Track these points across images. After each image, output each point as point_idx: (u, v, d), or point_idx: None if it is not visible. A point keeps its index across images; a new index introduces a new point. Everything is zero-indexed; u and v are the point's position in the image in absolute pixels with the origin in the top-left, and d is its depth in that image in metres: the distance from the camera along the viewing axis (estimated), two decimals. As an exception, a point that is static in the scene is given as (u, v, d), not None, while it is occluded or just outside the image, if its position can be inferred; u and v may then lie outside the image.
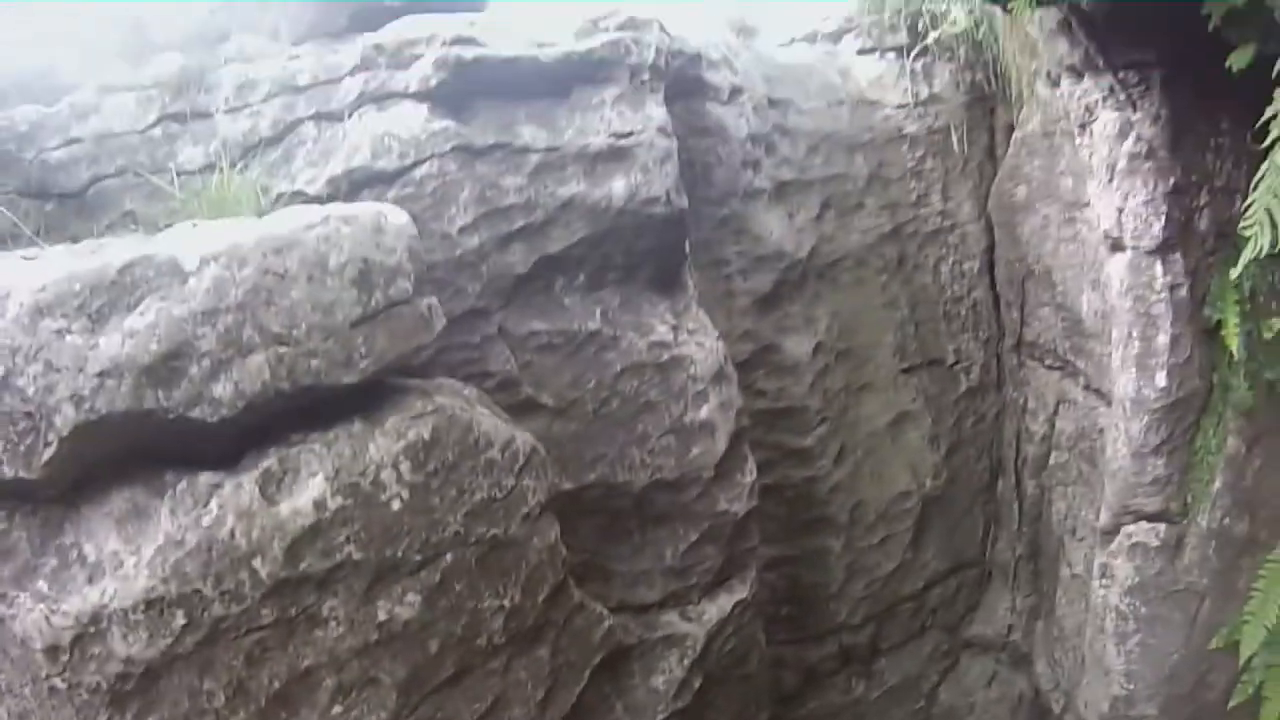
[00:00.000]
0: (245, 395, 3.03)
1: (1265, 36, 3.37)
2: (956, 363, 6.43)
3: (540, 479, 3.84)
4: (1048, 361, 5.98)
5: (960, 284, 6.43)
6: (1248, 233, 3.05)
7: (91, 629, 2.92)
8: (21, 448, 2.87)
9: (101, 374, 2.87)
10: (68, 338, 2.88)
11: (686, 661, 4.65)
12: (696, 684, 4.68)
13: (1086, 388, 5.54)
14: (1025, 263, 6.02)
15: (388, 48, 4.33)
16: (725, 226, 5.58)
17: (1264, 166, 3.04)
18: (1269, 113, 3.04)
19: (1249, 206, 3.05)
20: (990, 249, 6.43)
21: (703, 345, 4.85)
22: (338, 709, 3.28)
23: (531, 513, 3.77)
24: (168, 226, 3.74)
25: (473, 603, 3.55)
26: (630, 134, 4.61)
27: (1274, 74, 3.06)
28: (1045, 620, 6.09)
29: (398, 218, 3.48)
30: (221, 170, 4.08)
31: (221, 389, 3.00)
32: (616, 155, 4.59)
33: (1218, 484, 4.46)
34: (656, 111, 4.72)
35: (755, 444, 5.25)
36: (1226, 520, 4.50)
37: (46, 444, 2.87)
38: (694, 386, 4.75)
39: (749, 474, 4.96)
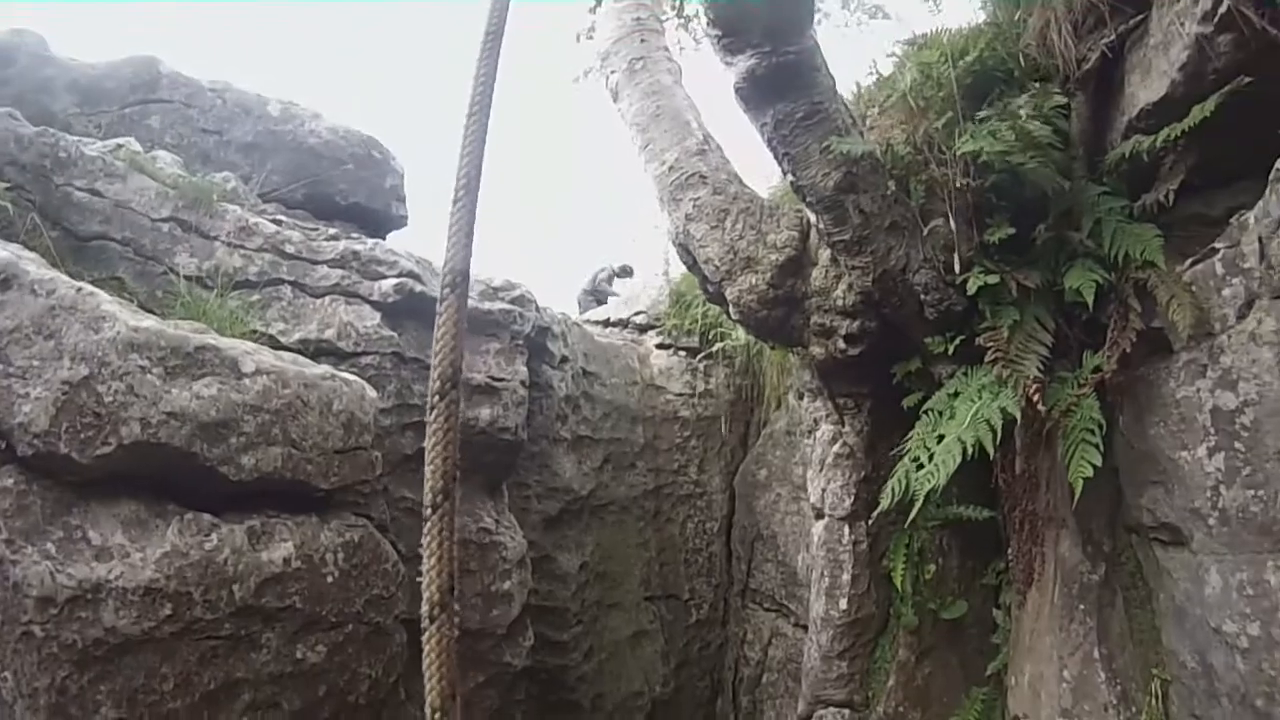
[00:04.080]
0: (260, 471, 4.35)
1: (926, 389, 5.12)
2: (690, 599, 7.93)
3: (406, 593, 5.15)
4: (766, 605, 7.48)
5: (701, 538, 8.04)
6: (880, 499, 4.87)
7: (89, 595, 3.75)
8: (83, 436, 3.91)
9: (170, 414, 4.11)
10: (148, 375, 4.07)
11: (459, 779, 5.73)
12: (463, 799, 5.73)
13: (796, 624, 6.99)
14: (757, 528, 7.62)
15: (362, 258, 5.80)
16: (534, 460, 7.19)
17: (896, 467, 4.79)
18: (907, 438, 4.84)
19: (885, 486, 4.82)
20: (730, 515, 8.03)
21: (514, 538, 6.39)
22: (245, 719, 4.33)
23: (400, 615, 5.04)
24: (169, 314, 4.81)
25: (355, 665, 4.74)
26: (502, 380, 6.31)
27: (920, 412, 4.91)
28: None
29: (371, 393, 4.97)
30: (217, 290, 5.19)
31: (247, 460, 4.32)
32: (489, 391, 6.25)
33: (891, 682, 5.49)
34: (522, 369, 6.46)
35: (525, 630, 6.54)
36: (900, 709, 5.46)
37: (106, 443, 3.94)
38: (503, 565, 6.22)
39: (528, 639, 6.38)
